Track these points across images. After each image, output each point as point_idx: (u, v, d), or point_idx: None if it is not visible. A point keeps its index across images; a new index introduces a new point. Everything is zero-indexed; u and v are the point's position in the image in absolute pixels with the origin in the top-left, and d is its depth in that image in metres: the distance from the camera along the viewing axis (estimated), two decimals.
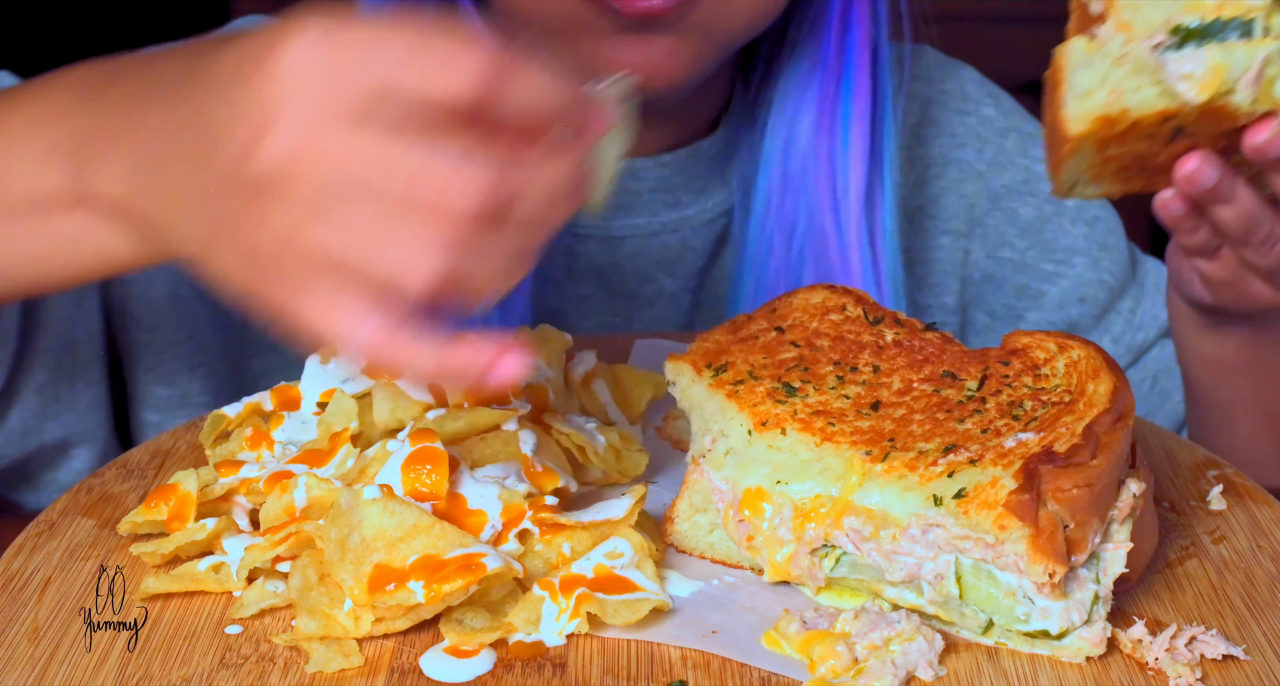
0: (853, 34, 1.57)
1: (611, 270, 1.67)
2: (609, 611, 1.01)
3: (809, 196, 1.58)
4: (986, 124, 1.73)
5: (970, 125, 1.74)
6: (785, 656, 1.00)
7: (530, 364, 0.92)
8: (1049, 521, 0.98)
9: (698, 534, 1.12)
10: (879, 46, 1.58)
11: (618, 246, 1.66)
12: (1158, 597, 1.07)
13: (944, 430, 1.06)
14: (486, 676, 0.98)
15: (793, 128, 1.59)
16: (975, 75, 1.78)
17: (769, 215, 1.60)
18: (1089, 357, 1.11)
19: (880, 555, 1.03)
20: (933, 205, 1.73)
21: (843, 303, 1.21)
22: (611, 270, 1.67)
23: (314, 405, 1.23)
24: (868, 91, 1.57)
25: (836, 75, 1.57)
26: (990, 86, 1.78)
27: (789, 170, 1.59)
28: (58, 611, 1.05)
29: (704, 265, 1.69)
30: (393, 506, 1.02)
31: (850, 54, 1.57)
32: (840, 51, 1.57)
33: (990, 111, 1.75)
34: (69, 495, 1.19)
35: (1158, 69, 1.21)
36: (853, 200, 1.57)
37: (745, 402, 1.10)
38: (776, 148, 1.60)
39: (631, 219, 1.66)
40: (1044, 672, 0.99)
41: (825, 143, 1.58)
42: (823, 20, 1.57)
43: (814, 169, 1.57)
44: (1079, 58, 1.25)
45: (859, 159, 1.57)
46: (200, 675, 0.99)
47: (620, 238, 1.66)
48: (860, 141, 1.57)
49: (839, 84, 1.57)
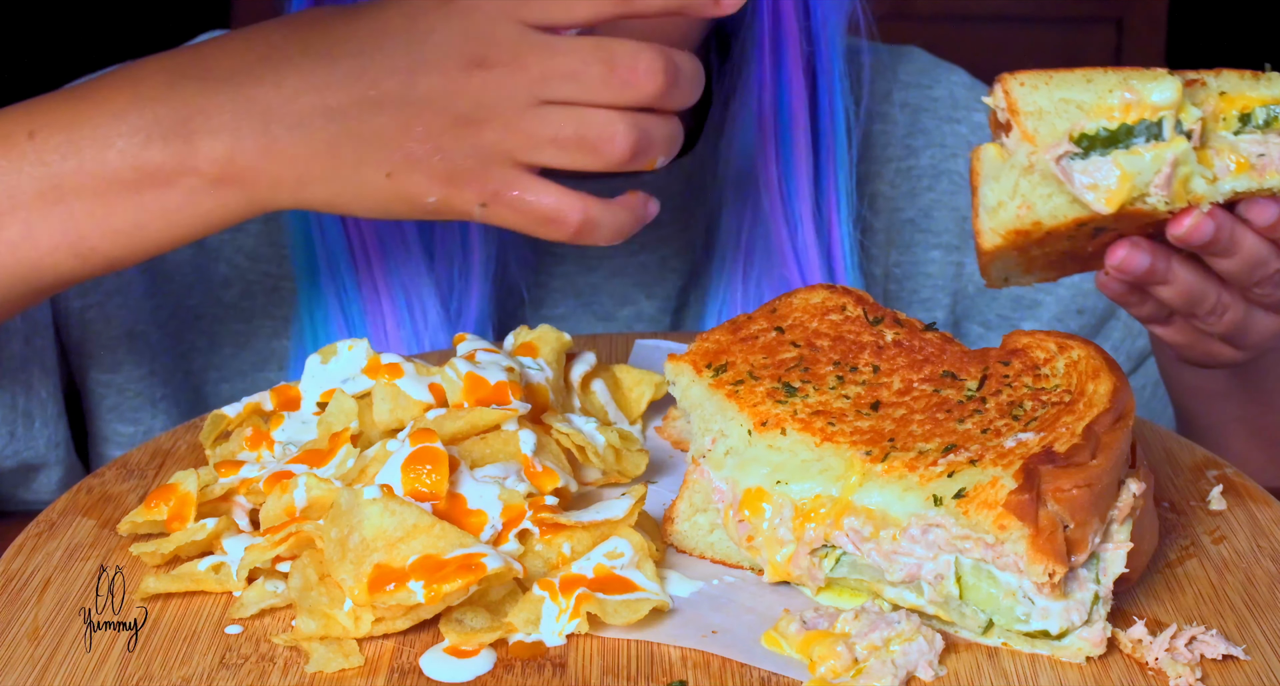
0: (784, 53, 1.55)
1: (590, 291, 1.66)
2: (609, 611, 1.01)
3: (764, 215, 1.56)
4: (978, 132, 1.70)
5: (961, 134, 1.71)
6: (785, 656, 1.00)
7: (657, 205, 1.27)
8: (1049, 521, 0.98)
9: (698, 534, 1.12)
10: (818, 63, 1.57)
11: (596, 267, 1.65)
12: (1158, 597, 1.07)
13: (944, 430, 1.06)
14: (486, 676, 0.98)
15: (743, 151, 1.58)
16: (965, 78, 1.76)
17: (735, 232, 1.59)
18: (1089, 358, 1.11)
19: (880, 555, 1.03)
20: (924, 218, 1.71)
21: (843, 303, 1.21)
22: (590, 291, 1.66)
23: (314, 405, 1.23)
24: (805, 110, 1.56)
25: (773, 96, 1.56)
26: (981, 90, 1.75)
27: (744, 191, 1.58)
28: (58, 611, 1.05)
29: (684, 285, 1.67)
30: (393, 506, 1.02)
31: (783, 74, 1.56)
32: (775, 74, 1.56)
33: (982, 118, 1.72)
34: (69, 495, 1.19)
35: (1065, 180, 1.19)
36: (805, 218, 1.56)
37: (745, 402, 1.10)
38: (730, 171, 1.59)
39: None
40: (1044, 672, 0.99)
41: (774, 162, 1.56)
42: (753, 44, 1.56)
43: (766, 189, 1.56)
44: (990, 166, 1.23)
45: (805, 180, 1.56)
46: (200, 675, 0.99)
47: (598, 257, 1.65)
48: (804, 162, 1.56)
49: (776, 104, 1.56)
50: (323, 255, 1.53)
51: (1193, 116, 1.17)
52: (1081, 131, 1.17)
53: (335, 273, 1.53)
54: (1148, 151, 1.17)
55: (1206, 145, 1.19)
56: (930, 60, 1.76)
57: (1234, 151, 1.18)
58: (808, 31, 1.56)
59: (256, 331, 1.63)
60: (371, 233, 1.52)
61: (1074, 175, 1.18)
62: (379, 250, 1.52)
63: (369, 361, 1.21)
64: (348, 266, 1.52)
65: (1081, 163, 1.18)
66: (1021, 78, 1.19)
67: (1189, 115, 1.17)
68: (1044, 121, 1.18)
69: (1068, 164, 1.18)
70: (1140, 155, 1.17)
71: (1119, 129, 1.17)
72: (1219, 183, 1.18)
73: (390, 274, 1.53)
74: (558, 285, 1.65)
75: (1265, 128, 1.18)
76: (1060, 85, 1.18)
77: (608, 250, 1.64)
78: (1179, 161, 1.17)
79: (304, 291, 1.55)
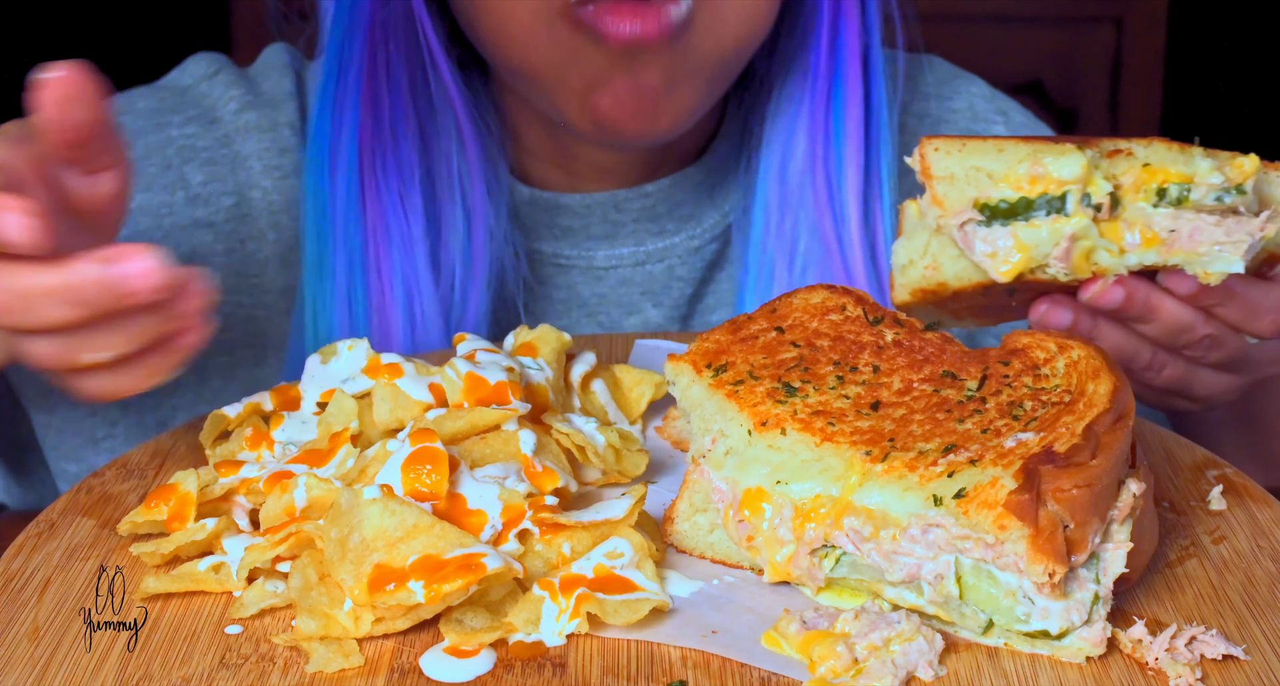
0: (842, 42, 1.54)
1: (596, 301, 1.66)
2: (609, 611, 1.01)
3: (809, 212, 1.55)
4: None
5: None
6: (785, 656, 1.00)
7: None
8: (1049, 521, 0.98)
9: (698, 534, 1.12)
10: (870, 54, 1.56)
11: (602, 277, 1.65)
12: (1158, 597, 1.07)
13: (944, 430, 1.06)
14: (486, 676, 0.98)
15: (788, 145, 1.57)
16: (984, 90, 1.75)
17: (769, 236, 1.58)
18: (1089, 358, 1.11)
19: (880, 555, 1.03)
20: None
21: (843, 303, 1.21)
22: (596, 301, 1.66)
23: (314, 405, 1.23)
24: (859, 102, 1.55)
25: (827, 87, 1.55)
26: (1000, 101, 1.75)
27: (787, 188, 1.57)
28: (58, 611, 1.05)
29: (692, 294, 1.67)
30: (393, 506, 1.02)
31: (840, 64, 1.55)
32: (831, 62, 1.55)
33: (1000, 129, 1.72)
34: (69, 495, 1.19)
35: (965, 247, 1.19)
36: (851, 212, 1.55)
37: (745, 402, 1.10)
38: (773, 167, 1.58)
39: (615, 249, 1.64)
40: (1044, 672, 0.99)
41: (821, 157, 1.55)
42: (812, 30, 1.55)
43: (811, 184, 1.55)
44: (909, 223, 1.25)
45: (854, 171, 1.55)
46: (200, 675, 0.99)
47: (604, 268, 1.64)
48: (855, 153, 1.55)
49: (830, 95, 1.55)
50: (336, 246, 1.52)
51: (1102, 190, 1.18)
52: (985, 200, 1.19)
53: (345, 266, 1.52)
54: (1046, 225, 1.18)
55: (1120, 216, 1.19)
56: (950, 70, 1.76)
57: (1147, 224, 1.19)
58: (864, 22, 1.55)
59: (240, 362, 1.62)
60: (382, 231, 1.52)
61: (975, 242, 1.20)
62: (386, 252, 1.52)
63: (369, 361, 1.21)
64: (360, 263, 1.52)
65: (984, 231, 1.20)
66: (937, 143, 1.21)
67: (1098, 189, 1.18)
68: (954, 187, 1.20)
69: (971, 230, 1.20)
70: (1039, 228, 1.18)
71: (1018, 201, 1.18)
72: (1126, 256, 1.19)
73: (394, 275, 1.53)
74: (562, 296, 1.65)
75: (1178, 204, 1.18)
76: (973, 153, 1.20)
77: (614, 262, 1.64)
78: (1078, 236, 1.18)
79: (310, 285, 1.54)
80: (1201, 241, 1.18)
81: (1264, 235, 1.19)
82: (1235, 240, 1.18)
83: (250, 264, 1.60)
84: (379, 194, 1.51)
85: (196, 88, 1.62)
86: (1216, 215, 1.18)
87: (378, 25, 1.49)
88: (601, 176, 1.62)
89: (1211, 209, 1.18)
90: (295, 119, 1.61)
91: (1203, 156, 1.19)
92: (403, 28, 1.50)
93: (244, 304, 1.60)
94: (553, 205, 1.62)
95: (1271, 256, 1.24)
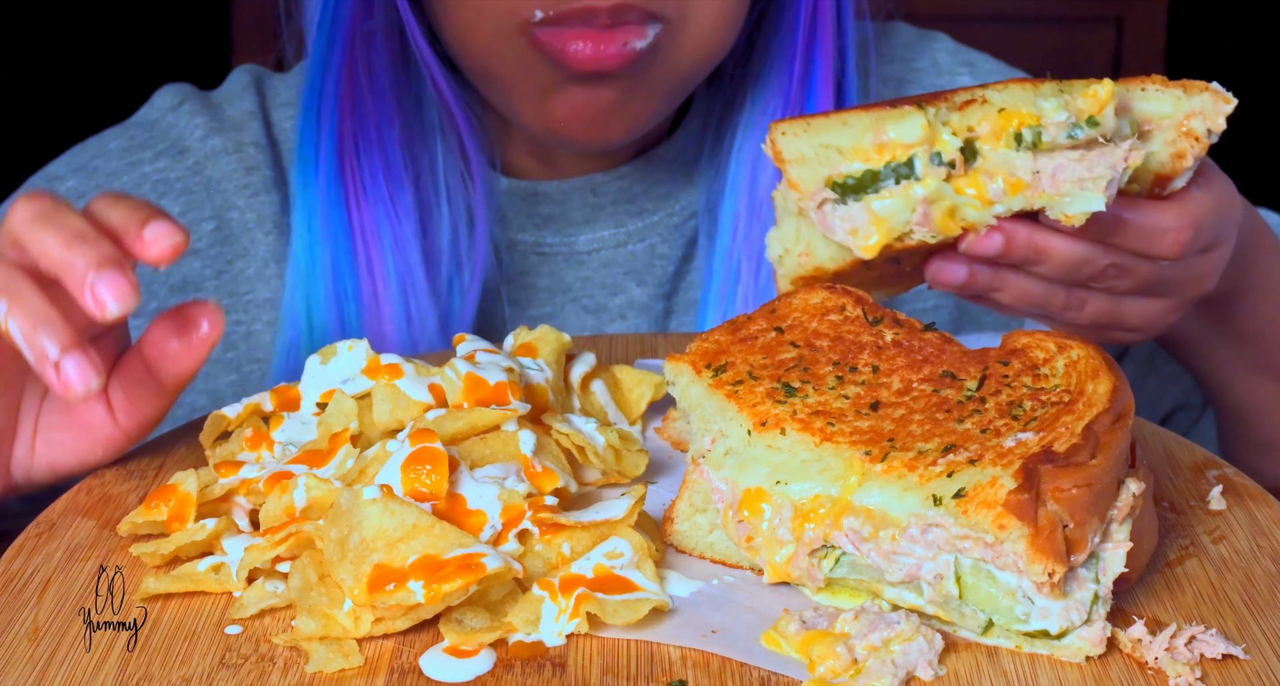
0: (819, 25, 1.54)
1: (580, 285, 1.66)
2: (609, 611, 1.01)
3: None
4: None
5: None
6: (785, 656, 1.00)
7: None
8: (1048, 521, 0.98)
9: (697, 534, 1.12)
10: (845, 41, 1.55)
11: (585, 261, 1.65)
12: (1158, 597, 1.07)
13: (943, 430, 1.06)
14: (486, 676, 0.98)
15: (758, 147, 1.56)
16: (949, 44, 1.74)
17: (736, 242, 1.58)
18: (1088, 357, 1.11)
19: (880, 555, 1.03)
20: None
21: (842, 303, 1.21)
22: (580, 285, 1.66)
23: (314, 405, 1.23)
24: (831, 80, 1.54)
25: (804, 68, 1.54)
26: (966, 53, 1.73)
27: (755, 195, 1.57)
28: (58, 611, 1.05)
29: (675, 271, 1.67)
30: (393, 506, 1.02)
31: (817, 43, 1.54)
32: (809, 47, 1.54)
33: (966, 80, 1.69)
34: (69, 495, 1.20)
35: (825, 228, 1.17)
36: None
37: (745, 403, 1.10)
38: (744, 171, 1.58)
39: (596, 232, 1.65)
40: (1044, 672, 0.99)
41: None
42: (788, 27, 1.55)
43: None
44: (779, 211, 1.21)
45: None
46: (200, 675, 0.99)
47: (587, 252, 1.65)
48: None
49: (805, 77, 1.54)
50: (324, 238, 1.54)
51: (951, 147, 1.15)
52: (834, 177, 1.16)
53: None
54: (897, 194, 1.15)
55: (981, 167, 1.16)
56: (914, 33, 1.74)
57: (1010, 171, 1.15)
58: (838, 3, 1.55)
59: (248, 377, 1.64)
60: (372, 227, 1.53)
61: (834, 222, 1.16)
62: (378, 245, 1.53)
63: (369, 362, 1.21)
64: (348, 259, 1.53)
65: (841, 209, 1.16)
66: (784, 127, 1.17)
67: (947, 146, 1.14)
68: (807, 168, 1.16)
69: (829, 210, 1.16)
70: (891, 198, 1.15)
71: (864, 174, 1.15)
72: (994, 206, 1.16)
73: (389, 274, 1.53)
74: (545, 284, 1.65)
75: (1033, 148, 1.15)
76: (819, 131, 1.16)
77: (595, 245, 1.65)
78: (931, 198, 1.14)
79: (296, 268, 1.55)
80: (1065, 180, 1.14)
81: (1129, 164, 1.15)
82: (1097, 175, 1.14)
83: (240, 282, 1.63)
84: (367, 193, 1.53)
85: (163, 120, 1.66)
86: (1080, 151, 1.15)
87: (359, 25, 1.51)
88: (579, 160, 1.64)
89: (1073, 145, 1.14)
90: (261, 137, 1.64)
91: (1054, 92, 1.15)
92: (385, 28, 1.52)
93: (242, 321, 1.63)
94: (531, 193, 1.64)
95: (1160, 176, 1.20)
